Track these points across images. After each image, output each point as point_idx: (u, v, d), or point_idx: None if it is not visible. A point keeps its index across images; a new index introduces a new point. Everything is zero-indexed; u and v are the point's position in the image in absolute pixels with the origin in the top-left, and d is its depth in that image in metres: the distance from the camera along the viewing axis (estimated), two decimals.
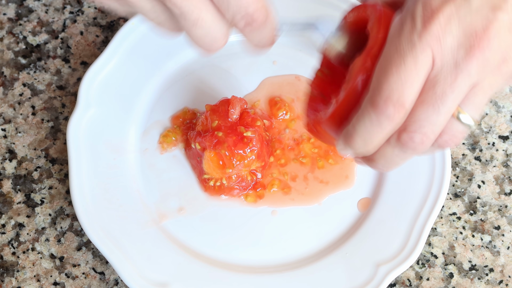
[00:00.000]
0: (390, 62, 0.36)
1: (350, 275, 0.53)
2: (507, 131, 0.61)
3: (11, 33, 0.65)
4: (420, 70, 0.36)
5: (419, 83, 0.36)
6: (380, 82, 0.36)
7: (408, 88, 0.36)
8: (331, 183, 0.57)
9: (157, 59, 0.61)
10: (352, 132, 0.39)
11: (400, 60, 0.36)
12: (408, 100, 0.36)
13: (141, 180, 0.58)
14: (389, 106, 0.36)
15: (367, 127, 0.38)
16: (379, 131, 0.38)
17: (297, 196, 0.57)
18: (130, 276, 0.52)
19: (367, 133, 0.38)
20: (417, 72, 0.36)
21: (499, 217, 0.58)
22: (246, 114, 0.56)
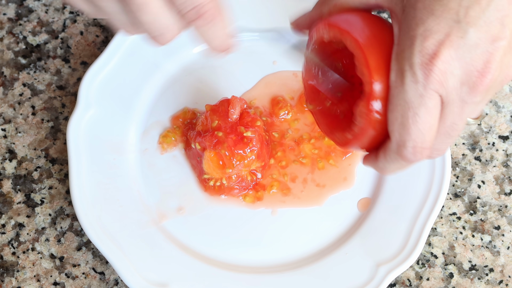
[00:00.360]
0: (405, 116, 0.38)
1: (350, 275, 0.53)
2: (507, 131, 0.61)
3: (11, 33, 0.65)
4: (433, 113, 0.38)
5: (435, 124, 0.38)
6: (402, 136, 0.39)
7: (428, 133, 0.38)
8: (328, 186, 0.57)
9: (157, 59, 0.61)
10: (383, 168, 0.43)
11: (414, 114, 0.38)
12: (430, 141, 0.39)
13: (141, 180, 0.58)
14: (417, 155, 0.39)
15: (397, 167, 0.42)
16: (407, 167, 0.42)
17: (295, 199, 0.57)
18: (130, 276, 0.52)
19: (396, 169, 0.43)
20: (431, 117, 0.38)
21: (499, 217, 0.58)
22: (246, 114, 0.56)
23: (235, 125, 0.55)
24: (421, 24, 0.37)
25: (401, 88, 0.38)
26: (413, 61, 0.37)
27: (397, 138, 0.39)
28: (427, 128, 0.38)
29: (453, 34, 0.36)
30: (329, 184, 0.58)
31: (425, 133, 0.38)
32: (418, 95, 0.37)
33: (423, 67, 0.37)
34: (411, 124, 0.38)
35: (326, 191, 0.57)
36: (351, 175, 0.58)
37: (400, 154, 0.40)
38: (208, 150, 0.54)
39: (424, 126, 0.38)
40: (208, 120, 0.56)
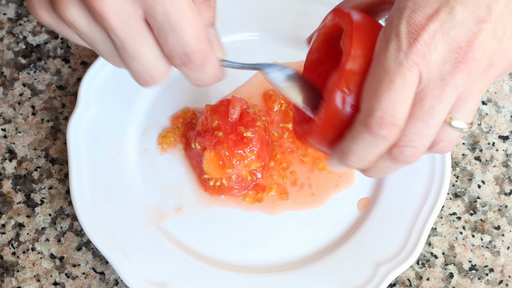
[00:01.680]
0: (380, 82, 0.37)
1: (350, 275, 0.53)
2: (507, 131, 0.61)
3: (11, 33, 0.65)
4: (409, 87, 0.36)
5: (410, 100, 0.37)
6: (372, 104, 0.37)
7: (400, 107, 0.36)
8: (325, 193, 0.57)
9: None
10: (347, 152, 0.39)
11: (389, 80, 0.36)
12: (401, 118, 0.37)
13: (141, 180, 0.58)
14: (383, 128, 0.37)
15: (362, 147, 0.38)
16: (374, 150, 0.38)
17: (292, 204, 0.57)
18: (130, 276, 0.52)
19: (362, 153, 0.38)
20: (407, 90, 0.36)
21: (499, 217, 0.58)
22: (246, 114, 0.56)
23: (235, 125, 0.55)
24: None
25: (383, 56, 0.37)
26: (399, 30, 0.37)
27: (366, 106, 0.37)
28: (399, 101, 0.36)
29: (441, 9, 0.36)
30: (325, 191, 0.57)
31: (396, 105, 0.36)
32: (397, 63, 0.36)
33: (409, 36, 0.36)
34: (384, 91, 0.36)
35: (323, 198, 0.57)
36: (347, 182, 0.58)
37: (366, 124, 0.37)
38: (208, 150, 0.54)
39: (396, 97, 0.36)
40: (208, 120, 0.56)
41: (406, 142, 0.38)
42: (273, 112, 0.60)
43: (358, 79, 0.38)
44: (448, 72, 0.37)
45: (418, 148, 0.38)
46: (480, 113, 0.62)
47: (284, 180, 0.58)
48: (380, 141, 0.37)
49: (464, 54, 0.37)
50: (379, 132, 0.37)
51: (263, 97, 0.61)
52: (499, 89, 0.63)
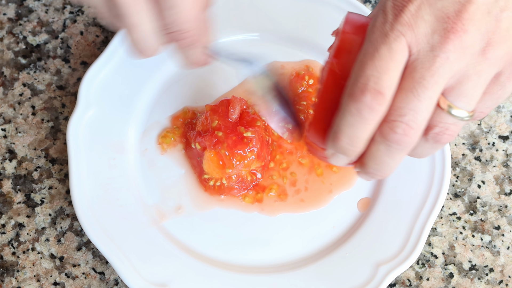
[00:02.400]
0: (365, 55, 0.36)
1: (350, 275, 0.53)
2: (507, 131, 0.61)
3: (11, 33, 0.65)
4: (395, 57, 0.36)
5: (397, 71, 0.36)
6: (357, 74, 0.36)
7: (384, 75, 0.35)
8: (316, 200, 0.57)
9: (157, 59, 0.61)
10: (337, 131, 0.38)
11: (374, 51, 0.36)
12: (385, 86, 0.35)
13: (141, 180, 0.58)
14: (367, 94, 0.35)
15: (349, 122, 0.37)
16: (362, 123, 0.36)
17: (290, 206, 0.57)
18: (130, 276, 0.52)
19: (351, 128, 0.37)
20: (392, 59, 0.36)
21: (499, 217, 0.58)
22: (246, 114, 0.56)
23: (235, 125, 0.55)
24: None
25: (370, 31, 0.37)
26: (386, 5, 0.37)
27: (352, 78, 0.37)
28: (383, 67, 0.35)
29: None
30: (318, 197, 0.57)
31: (380, 72, 0.35)
32: (383, 34, 0.36)
33: (394, 9, 0.36)
34: (368, 60, 0.36)
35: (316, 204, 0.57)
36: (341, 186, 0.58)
37: (351, 93, 0.36)
38: (208, 150, 0.54)
39: (380, 64, 0.35)
40: (208, 120, 0.56)
41: (396, 116, 0.36)
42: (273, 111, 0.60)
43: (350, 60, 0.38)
44: (437, 42, 0.36)
45: (410, 125, 0.36)
46: None
47: (284, 181, 0.58)
48: (365, 110, 0.36)
49: (453, 24, 0.35)
50: (363, 100, 0.35)
51: None
52: None
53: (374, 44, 0.36)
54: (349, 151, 0.38)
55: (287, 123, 0.46)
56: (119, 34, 0.60)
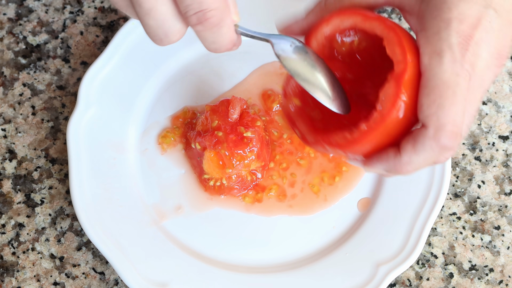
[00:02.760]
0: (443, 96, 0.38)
1: (350, 275, 0.53)
2: (507, 131, 0.61)
3: (11, 33, 0.65)
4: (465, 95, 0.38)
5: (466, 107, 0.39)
6: (441, 119, 0.38)
7: (462, 117, 0.38)
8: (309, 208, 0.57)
9: (157, 59, 0.61)
10: (407, 163, 0.40)
11: (452, 93, 0.38)
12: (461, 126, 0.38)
13: (141, 180, 0.58)
14: (453, 139, 0.38)
15: (426, 158, 0.39)
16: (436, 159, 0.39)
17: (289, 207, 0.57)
18: (130, 276, 0.52)
19: (423, 163, 0.40)
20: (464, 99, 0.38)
21: (499, 217, 0.58)
22: (246, 114, 0.56)
23: (235, 125, 0.55)
24: (455, 8, 0.38)
25: (439, 69, 0.38)
26: (451, 42, 0.38)
27: (435, 122, 0.38)
28: (461, 111, 0.38)
29: (483, 19, 0.38)
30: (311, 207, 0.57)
31: (461, 115, 0.38)
32: (455, 74, 0.37)
33: (460, 46, 0.38)
34: (450, 105, 0.37)
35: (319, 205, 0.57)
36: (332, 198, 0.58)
37: (438, 139, 0.38)
38: (208, 150, 0.54)
39: (460, 108, 0.38)
40: (208, 120, 0.56)
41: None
42: (273, 111, 0.60)
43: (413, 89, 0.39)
44: (488, 77, 0.39)
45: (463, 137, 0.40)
46: (480, 113, 0.62)
47: (283, 181, 0.58)
48: (448, 152, 0.39)
49: (501, 58, 0.39)
50: (450, 144, 0.38)
51: (262, 97, 0.61)
52: (499, 89, 0.63)
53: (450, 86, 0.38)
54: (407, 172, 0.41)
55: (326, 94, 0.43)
56: (119, 34, 0.60)
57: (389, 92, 0.39)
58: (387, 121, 0.39)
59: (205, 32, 0.38)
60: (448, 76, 0.38)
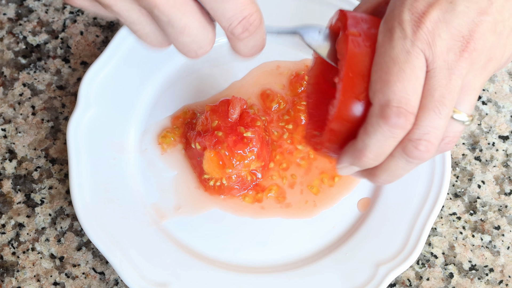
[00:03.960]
0: (389, 72, 0.37)
1: (350, 275, 0.53)
2: (507, 131, 0.61)
3: (11, 33, 0.65)
4: (418, 75, 0.37)
5: (420, 88, 0.37)
6: (386, 95, 0.37)
7: (413, 96, 0.37)
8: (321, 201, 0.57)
9: (157, 59, 0.61)
10: (363, 148, 0.38)
11: (399, 69, 0.36)
12: (415, 106, 0.37)
13: (141, 180, 0.58)
14: (401, 117, 0.37)
15: (379, 140, 0.38)
16: (391, 141, 0.38)
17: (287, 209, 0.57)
18: (130, 276, 0.52)
19: (379, 147, 0.38)
20: (417, 78, 0.37)
21: (499, 217, 0.58)
22: (246, 114, 0.56)
23: (235, 125, 0.55)
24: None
25: (388, 45, 0.37)
26: (402, 18, 0.37)
27: (379, 98, 0.37)
28: (411, 88, 0.36)
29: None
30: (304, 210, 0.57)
31: (409, 93, 0.36)
32: (405, 51, 0.37)
33: (412, 23, 0.37)
34: (395, 81, 0.36)
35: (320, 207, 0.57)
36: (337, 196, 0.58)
37: (383, 115, 0.37)
38: (208, 150, 0.54)
39: (409, 85, 0.36)
40: (208, 120, 0.56)
41: (420, 135, 0.38)
42: (272, 111, 0.60)
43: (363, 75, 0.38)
44: (452, 61, 0.37)
45: (431, 142, 0.38)
46: (480, 113, 0.62)
47: (283, 181, 0.58)
48: (397, 131, 0.37)
49: (466, 43, 0.37)
50: (397, 122, 0.37)
51: (261, 97, 0.61)
52: (499, 89, 0.63)
53: (397, 62, 0.37)
54: (369, 165, 0.40)
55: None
56: (119, 34, 0.60)
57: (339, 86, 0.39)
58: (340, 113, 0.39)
59: (249, 38, 0.38)
60: (396, 52, 0.37)
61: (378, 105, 0.37)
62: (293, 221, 0.56)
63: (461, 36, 0.37)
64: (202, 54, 0.39)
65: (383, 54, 0.37)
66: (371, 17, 0.41)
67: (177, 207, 0.57)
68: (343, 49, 0.39)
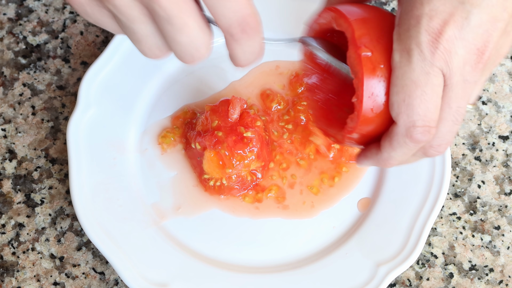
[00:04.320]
0: (412, 96, 0.38)
1: (350, 275, 0.53)
2: (507, 131, 0.61)
3: (11, 33, 0.65)
4: (437, 92, 0.38)
5: (440, 100, 0.39)
6: (411, 117, 0.39)
7: (434, 112, 0.39)
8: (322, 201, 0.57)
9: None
10: (388, 158, 0.42)
11: (422, 92, 0.38)
12: (435, 120, 0.39)
13: (141, 180, 0.58)
14: (426, 134, 0.39)
15: (404, 153, 0.41)
16: (414, 151, 0.41)
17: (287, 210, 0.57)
18: (130, 276, 0.52)
19: (403, 157, 0.42)
20: (436, 96, 0.38)
21: (499, 217, 0.58)
22: (246, 114, 0.56)
23: (235, 125, 0.55)
24: (427, 4, 0.38)
25: (407, 68, 0.38)
26: (420, 40, 0.37)
27: (405, 120, 0.39)
28: (433, 107, 0.38)
29: (457, 15, 0.37)
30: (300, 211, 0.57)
31: (432, 111, 0.39)
32: (424, 73, 0.38)
33: (429, 45, 0.37)
34: (419, 103, 0.38)
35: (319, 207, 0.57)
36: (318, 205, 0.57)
37: (410, 136, 0.39)
38: (208, 150, 0.54)
39: (431, 105, 0.38)
40: (208, 120, 0.56)
41: (441, 142, 0.41)
42: (272, 111, 0.60)
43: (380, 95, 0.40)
44: (468, 73, 0.38)
45: (450, 142, 0.41)
46: (480, 113, 0.62)
47: (283, 181, 0.58)
48: (421, 144, 0.40)
49: (481, 55, 0.38)
50: (423, 139, 0.39)
51: (261, 97, 0.61)
52: (499, 89, 0.63)
53: (419, 86, 0.38)
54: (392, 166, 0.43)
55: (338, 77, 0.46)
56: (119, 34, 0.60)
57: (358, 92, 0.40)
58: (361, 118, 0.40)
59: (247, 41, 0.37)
60: (417, 75, 0.38)
61: (403, 126, 0.39)
62: (293, 221, 0.56)
63: (476, 48, 0.38)
64: (198, 58, 0.38)
65: (403, 76, 0.38)
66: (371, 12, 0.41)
67: (177, 207, 0.57)
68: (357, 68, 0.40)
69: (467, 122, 0.61)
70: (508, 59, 0.64)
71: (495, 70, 0.63)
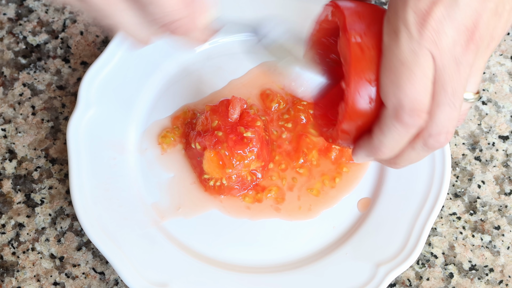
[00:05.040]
0: (400, 75, 0.38)
1: (350, 275, 0.53)
2: (507, 131, 0.61)
3: (11, 33, 0.65)
4: (427, 74, 0.38)
5: (430, 85, 0.38)
6: (399, 98, 0.38)
7: (424, 95, 0.38)
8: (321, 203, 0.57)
9: (157, 59, 0.61)
10: (379, 145, 0.41)
11: (409, 72, 0.37)
12: (426, 104, 0.38)
13: (141, 180, 0.58)
14: (415, 117, 0.38)
15: (394, 138, 0.40)
16: (406, 138, 0.40)
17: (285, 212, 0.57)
18: (130, 276, 0.52)
19: (394, 144, 0.40)
20: (426, 77, 0.38)
21: (499, 217, 0.58)
22: (246, 114, 0.56)
23: (235, 125, 0.55)
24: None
25: (395, 48, 0.38)
26: (407, 20, 0.37)
27: (393, 101, 0.38)
28: (422, 88, 0.38)
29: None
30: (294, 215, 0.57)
31: (421, 93, 0.38)
32: (412, 52, 0.37)
33: (417, 24, 0.37)
34: (406, 83, 0.37)
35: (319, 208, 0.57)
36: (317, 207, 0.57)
37: (398, 117, 0.38)
38: (208, 150, 0.54)
39: (419, 86, 0.38)
40: (208, 120, 0.56)
41: (440, 129, 0.39)
42: (272, 111, 0.60)
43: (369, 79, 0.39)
44: (460, 53, 0.38)
45: (450, 132, 0.40)
46: (480, 113, 0.62)
47: (283, 182, 0.58)
48: (412, 129, 0.39)
49: (471, 34, 0.38)
50: (411, 122, 0.38)
51: (260, 97, 0.61)
52: (499, 89, 0.63)
53: (406, 65, 0.37)
54: (385, 157, 0.42)
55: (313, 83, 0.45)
56: (119, 34, 0.60)
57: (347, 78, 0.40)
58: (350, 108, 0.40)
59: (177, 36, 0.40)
60: (404, 55, 0.37)
61: (391, 108, 0.39)
62: (293, 221, 0.56)
63: (466, 28, 0.37)
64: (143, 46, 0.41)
65: (391, 56, 0.38)
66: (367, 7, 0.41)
67: (177, 207, 0.57)
68: (346, 53, 0.40)
69: (467, 122, 0.61)
70: (508, 59, 0.64)
71: (495, 70, 0.63)
